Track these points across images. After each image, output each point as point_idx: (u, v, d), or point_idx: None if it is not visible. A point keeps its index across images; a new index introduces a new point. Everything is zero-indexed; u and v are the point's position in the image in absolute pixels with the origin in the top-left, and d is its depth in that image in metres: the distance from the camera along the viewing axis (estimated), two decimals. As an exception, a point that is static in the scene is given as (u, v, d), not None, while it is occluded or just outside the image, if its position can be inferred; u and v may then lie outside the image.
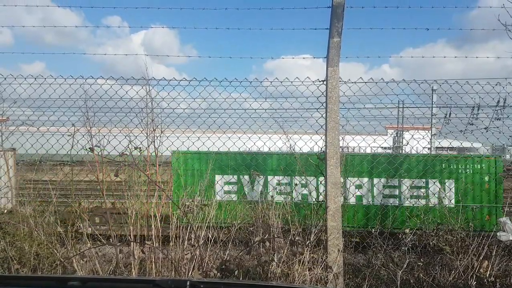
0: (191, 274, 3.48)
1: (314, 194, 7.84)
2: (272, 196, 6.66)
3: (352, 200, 8.12)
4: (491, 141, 7.52)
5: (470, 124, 10.26)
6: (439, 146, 17.14)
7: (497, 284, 4.12)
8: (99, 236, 4.12)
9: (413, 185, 8.18)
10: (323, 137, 4.56)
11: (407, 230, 5.26)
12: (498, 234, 4.72)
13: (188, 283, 1.67)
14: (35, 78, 5.41)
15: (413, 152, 12.73)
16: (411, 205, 7.99)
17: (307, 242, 4.04)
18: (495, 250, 4.39)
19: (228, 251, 4.29)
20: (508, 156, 28.73)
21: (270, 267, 3.92)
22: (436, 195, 8.03)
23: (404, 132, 21.49)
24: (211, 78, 5.36)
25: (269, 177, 8.37)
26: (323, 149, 4.64)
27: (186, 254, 3.68)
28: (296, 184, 8.19)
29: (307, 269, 3.87)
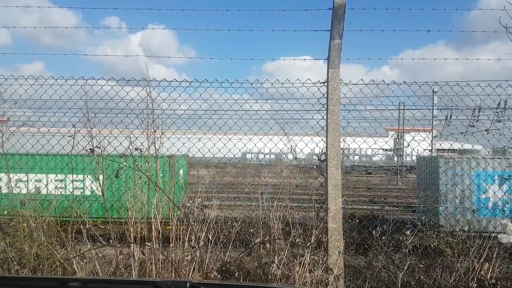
0: (191, 276, 3.47)
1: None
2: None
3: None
4: (492, 143, 7.51)
5: (471, 126, 10.26)
6: (440, 148, 17.12)
7: (498, 286, 4.10)
8: (99, 237, 4.12)
9: None
10: (324, 139, 4.56)
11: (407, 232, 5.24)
12: (499, 236, 4.71)
13: (188, 285, 1.67)
14: (36, 79, 5.39)
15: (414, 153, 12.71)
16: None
17: (308, 244, 4.03)
18: (496, 252, 4.38)
19: (228, 253, 4.28)
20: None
21: (271, 268, 3.90)
22: None
23: (404, 134, 21.48)
24: (211, 79, 5.36)
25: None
26: (324, 150, 4.64)
27: (186, 256, 3.67)
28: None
29: (307, 271, 3.86)
